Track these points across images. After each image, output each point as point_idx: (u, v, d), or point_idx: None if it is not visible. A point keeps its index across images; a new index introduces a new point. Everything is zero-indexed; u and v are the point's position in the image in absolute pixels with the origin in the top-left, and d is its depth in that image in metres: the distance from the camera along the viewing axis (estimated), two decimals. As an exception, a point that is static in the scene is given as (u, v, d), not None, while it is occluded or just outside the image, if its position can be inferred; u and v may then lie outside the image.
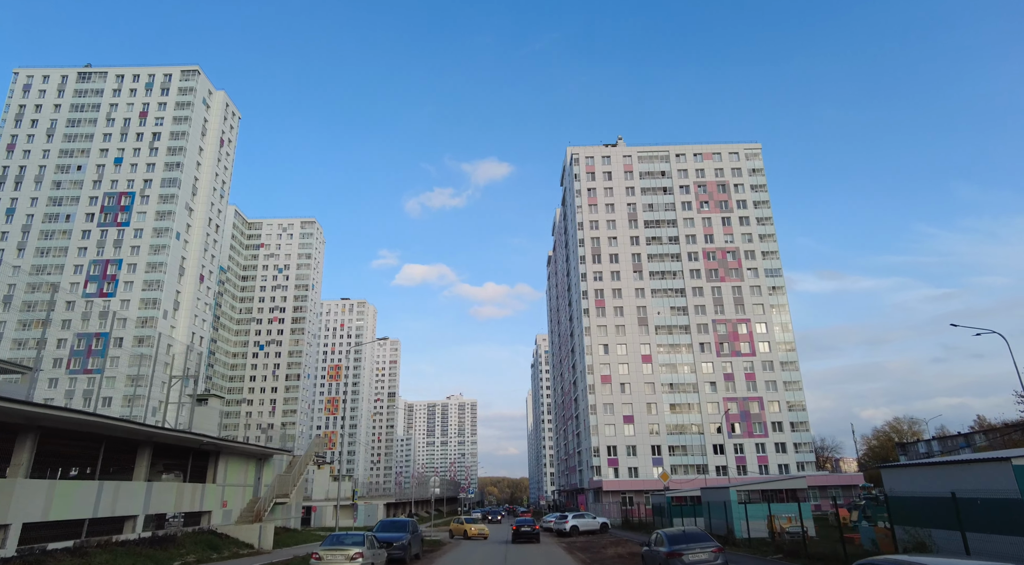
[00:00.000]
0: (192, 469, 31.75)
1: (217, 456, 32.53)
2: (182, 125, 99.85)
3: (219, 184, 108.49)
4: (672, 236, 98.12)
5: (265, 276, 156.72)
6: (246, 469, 32.46)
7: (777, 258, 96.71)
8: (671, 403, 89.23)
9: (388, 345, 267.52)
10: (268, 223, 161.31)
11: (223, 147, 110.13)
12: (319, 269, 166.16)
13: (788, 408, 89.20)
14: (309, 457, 36.76)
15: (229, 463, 32.79)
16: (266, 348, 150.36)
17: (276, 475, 34.16)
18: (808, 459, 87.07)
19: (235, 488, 32.81)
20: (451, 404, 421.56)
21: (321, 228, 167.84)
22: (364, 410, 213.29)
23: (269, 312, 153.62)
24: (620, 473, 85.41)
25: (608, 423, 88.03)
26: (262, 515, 29.68)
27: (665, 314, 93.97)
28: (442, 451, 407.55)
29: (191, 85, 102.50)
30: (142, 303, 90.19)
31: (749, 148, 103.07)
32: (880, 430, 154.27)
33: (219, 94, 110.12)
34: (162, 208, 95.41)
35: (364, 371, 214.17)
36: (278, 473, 35.03)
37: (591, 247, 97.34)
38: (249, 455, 34.49)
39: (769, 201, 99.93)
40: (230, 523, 31.47)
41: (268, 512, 30.25)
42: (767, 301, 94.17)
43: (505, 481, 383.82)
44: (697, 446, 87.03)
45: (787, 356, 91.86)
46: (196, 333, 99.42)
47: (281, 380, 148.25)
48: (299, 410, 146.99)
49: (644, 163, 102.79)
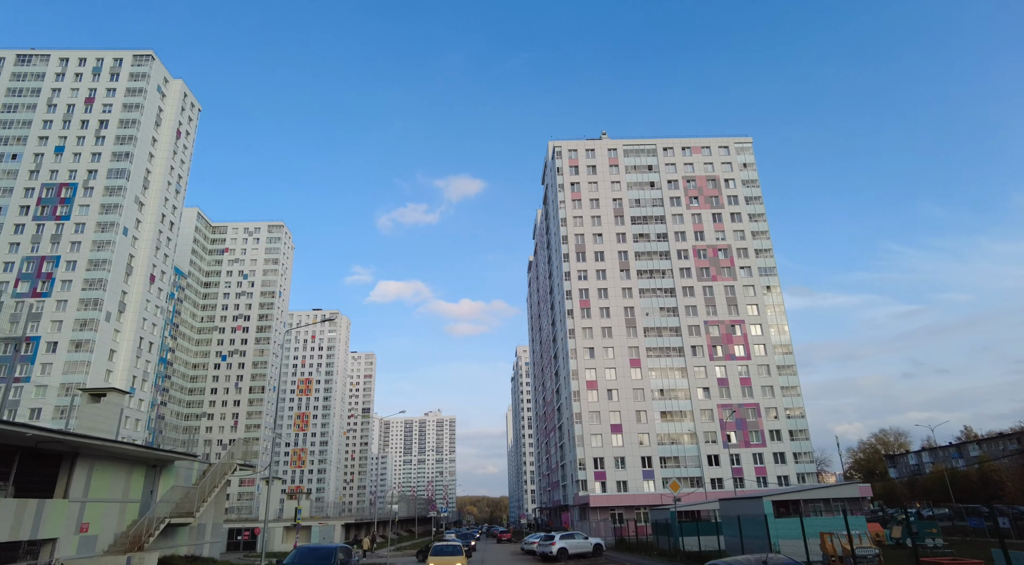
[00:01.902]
0: (25, 478, 22.51)
1: (74, 460, 23.58)
2: (133, 113, 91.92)
3: (175, 178, 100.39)
4: (660, 233, 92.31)
5: (229, 282, 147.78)
6: (127, 479, 23.68)
7: (771, 256, 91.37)
8: (662, 410, 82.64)
9: (362, 359, 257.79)
10: (233, 227, 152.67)
11: (180, 139, 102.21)
12: (287, 275, 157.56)
13: (787, 415, 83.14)
14: (229, 465, 29.04)
15: (95, 471, 24.35)
16: (229, 358, 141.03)
17: (181, 488, 26.31)
18: (809, 470, 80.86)
19: (106, 505, 24.25)
20: (429, 421, 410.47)
21: (290, 233, 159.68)
22: (336, 426, 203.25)
23: (233, 320, 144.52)
24: (608, 487, 78.31)
25: (594, 433, 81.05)
26: (142, 542, 21.38)
27: (654, 315, 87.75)
28: (419, 469, 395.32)
29: (144, 70, 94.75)
30: (81, 304, 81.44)
31: (739, 142, 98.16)
32: (866, 443, 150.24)
33: (176, 83, 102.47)
34: (108, 201, 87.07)
35: (336, 385, 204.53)
36: (186, 485, 27.19)
37: (575, 244, 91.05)
38: (132, 460, 25.64)
39: (761, 197, 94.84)
40: (94, 554, 22.93)
41: (154, 537, 22.05)
42: (761, 301, 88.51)
43: (484, 500, 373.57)
44: (691, 457, 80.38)
45: (784, 359, 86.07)
46: (145, 338, 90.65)
47: (244, 393, 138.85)
48: (263, 424, 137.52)
49: (630, 157, 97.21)
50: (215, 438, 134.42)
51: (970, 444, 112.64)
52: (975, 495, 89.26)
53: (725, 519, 27.91)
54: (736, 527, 25.87)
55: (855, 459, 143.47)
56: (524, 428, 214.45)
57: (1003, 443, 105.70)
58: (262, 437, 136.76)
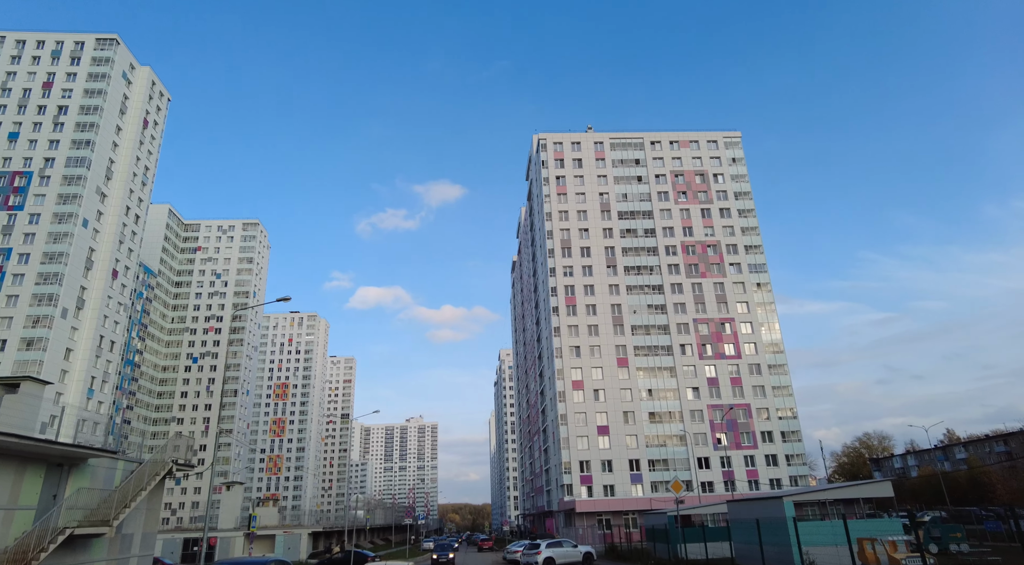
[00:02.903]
0: None
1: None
2: (95, 99, 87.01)
3: (141, 169, 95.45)
4: (648, 228, 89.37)
5: (201, 282, 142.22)
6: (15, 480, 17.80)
7: (761, 252, 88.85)
8: (650, 411, 79.39)
9: (342, 363, 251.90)
10: (206, 224, 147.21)
11: (147, 129, 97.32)
12: (263, 275, 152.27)
13: (778, 416, 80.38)
14: (162, 465, 25.12)
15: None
16: (200, 360, 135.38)
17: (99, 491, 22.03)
18: (802, 473, 78.09)
19: (-9, 513, 17.33)
20: (410, 427, 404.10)
21: (266, 232, 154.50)
22: (314, 432, 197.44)
23: (205, 321, 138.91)
24: (594, 491, 74.78)
25: (581, 435, 77.54)
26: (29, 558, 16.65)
27: (642, 313, 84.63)
28: (400, 476, 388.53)
29: (108, 55, 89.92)
30: (34, 299, 76.25)
31: (728, 136, 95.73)
32: (850, 446, 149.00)
33: (143, 70, 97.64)
34: (67, 191, 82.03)
35: (314, 390, 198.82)
36: (107, 488, 22.93)
37: (560, 239, 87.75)
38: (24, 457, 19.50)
39: (751, 192, 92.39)
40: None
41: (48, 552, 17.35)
42: (752, 298, 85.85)
43: (467, 508, 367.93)
44: (681, 459, 77.16)
45: (775, 358, 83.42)
46: (106, 337, 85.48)
47: (216, 396, 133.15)
48: (235, 429, 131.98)
49: (617, 150, 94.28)
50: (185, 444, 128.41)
51: (956, 446, 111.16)
52: (965, 497, 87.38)
53: (736, 523, 24.54)
54: (749, 532, 22.51)
55: (839, 463, 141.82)
56: (507, 433, 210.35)
57: (989, 445, 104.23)
58: (234, 442, 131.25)
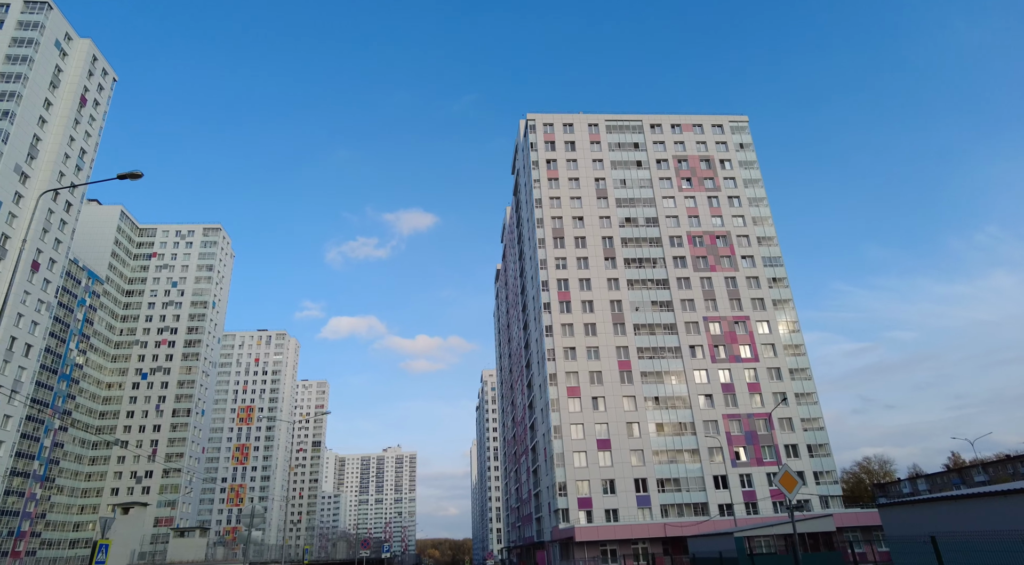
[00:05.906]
0: None
1: None
2: (18, 66, 76.02)
3: (75, 151, 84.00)
4: (650, 217, 79.64)
5: (155, 290, 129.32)
6: None
7: (775, 244, 79.40)
8: (657, 422, 68.37)
9: (314, 387, 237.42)
10: (163, 229, 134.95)
11: (86, 107, 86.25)
12: (224, 285, 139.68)
13: (803, 427, 69.84)
14: None
15: None
16: (150, 376, 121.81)
17: None
18: (834, 492, 67.14)
19: None
20: (388, 457, 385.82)
21: (229, 239, 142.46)
22: (280, 460, 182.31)
23: (158, 333, 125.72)
24: (595, 517, 63.12)
25: (578, 450, 66.11)
26: None
27: (645, 310, 74.22)
28: (376, 509, 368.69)
29: (36, 19, 79.22)
30: (-72, 289, 63.96)
31: (734, 120, 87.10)
32: (849, 471, 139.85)
33: (83, 42, 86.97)
34: (-21, 168, 70.41)
35: (283, 414, 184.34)
36: None
37: (552, 228, 77.57)
38: None
39: (761, 180, 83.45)
40: None
41: None
42: (768, 295, 76.02)
43: (447, 543, 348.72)
44: (694, 478, 65.91)
45: (796, 361, 73.27)
46: (20, 339, 72.86)
47: (167, 416, 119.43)
48: (187, 454, 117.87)
49: (613, 134, 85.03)
50: (127, 470, 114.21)
51: (974, 468, 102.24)
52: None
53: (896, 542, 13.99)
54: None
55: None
56: (490, 460, 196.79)
57: (1011, 466, 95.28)
58: (186, 468, 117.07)
